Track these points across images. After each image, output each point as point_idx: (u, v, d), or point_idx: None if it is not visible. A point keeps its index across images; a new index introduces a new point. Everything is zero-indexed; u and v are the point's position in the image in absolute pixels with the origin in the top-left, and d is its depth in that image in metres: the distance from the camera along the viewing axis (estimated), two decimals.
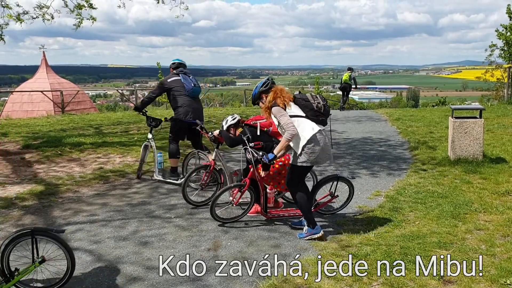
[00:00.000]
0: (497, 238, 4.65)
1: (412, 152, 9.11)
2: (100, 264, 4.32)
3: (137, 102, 22.94)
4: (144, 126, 13.60)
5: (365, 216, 5.46)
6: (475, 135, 7.68)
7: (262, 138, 5.36)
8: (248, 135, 5.32)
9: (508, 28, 19.05)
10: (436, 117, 13.93)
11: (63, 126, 13.54)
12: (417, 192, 6.30)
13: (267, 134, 5.45)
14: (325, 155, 4.83)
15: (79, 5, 12.54)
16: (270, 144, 5.35)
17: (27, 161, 8.67)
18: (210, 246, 4.68)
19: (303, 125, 4.73)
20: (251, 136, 5.33)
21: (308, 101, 4.83)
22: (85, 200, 6.40)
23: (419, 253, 4.29)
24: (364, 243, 4.61)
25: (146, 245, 4.74)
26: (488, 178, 6.82)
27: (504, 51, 19.44)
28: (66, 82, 25.24)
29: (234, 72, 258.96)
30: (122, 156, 9.07)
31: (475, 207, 5.60)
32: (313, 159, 4.72)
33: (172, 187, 6.95)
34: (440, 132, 10.97)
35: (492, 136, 9.98)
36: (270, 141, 5.40)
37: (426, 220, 5.22)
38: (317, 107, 4.79)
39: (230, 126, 5.65)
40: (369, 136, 11.39)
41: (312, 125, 4.75)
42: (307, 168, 4.85)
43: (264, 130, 5.45)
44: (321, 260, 4.18)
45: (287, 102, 4.79)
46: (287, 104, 4.78)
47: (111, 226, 5.32)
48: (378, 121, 14.40)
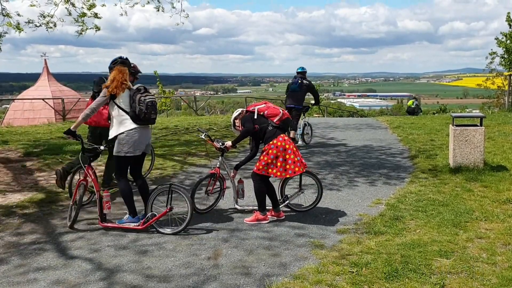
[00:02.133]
0: (498, 247, 4.63)
1: (412, 160, 9.10)
2: (100, 272, 4.31)
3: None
4: None
5: (365, 224, 5.44)
6: (476, 143, 7.67)
7: (258, 121, 5.72)
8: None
9: (508, 36, 19.11)
10: (436, 125, 13.93)
11: None
12: (418, 200, 6.28)
13: (263, 117, 5.76)
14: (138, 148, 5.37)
15: (83, 14, 12.60)
16: (265, 126, 5.68)
17: (28, 169, 8.67)
18: (210, 255, 4.66)
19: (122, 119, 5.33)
20: (248, 120, 5.75)
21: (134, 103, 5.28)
22: (85, 208, 6.39)
23: (420, 261, 4.28)
24: (365, 251, 4.59)
25: (146, 254, 4.73)
26: (489, 186, 6.80)
27: (505, 59, 19.50)
28: (67, 89, 25.29)
29: (235, 79, 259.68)
30: None
31: (476, 215, 5.59)
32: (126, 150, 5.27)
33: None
34: (441, 139, 10.97)
35: (493, 144, 9.97)
36: (266, 123, 5.70)
37: (427, 228, 5.20)
38: (138, 112, 5.25)
39: (235, 119, 5.95)
40: (370, 144, 11.39)
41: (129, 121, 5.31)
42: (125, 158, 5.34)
43: (261, 113, 5.76)
44: (321, 269, 4.17)
45: (118, 91, 5.29)
46: (118, 93, 5.29)
47: (111, 234, 5.31)
48: (378, 129, 14.41)
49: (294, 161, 5.46)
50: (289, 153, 5.43)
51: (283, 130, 5.73)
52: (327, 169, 8.58)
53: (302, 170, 5.58)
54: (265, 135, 5.63)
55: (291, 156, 5.44)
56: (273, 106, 5.84)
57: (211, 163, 9.14)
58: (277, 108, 5.81)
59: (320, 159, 9.56)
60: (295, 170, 5.48)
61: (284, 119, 5.74)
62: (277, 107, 5.86)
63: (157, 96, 30.44)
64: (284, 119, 5.74)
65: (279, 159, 5.43)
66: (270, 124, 5.64)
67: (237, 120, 5.91)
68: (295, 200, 6.09)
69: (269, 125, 5.64)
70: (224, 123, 16.36)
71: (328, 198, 6.65)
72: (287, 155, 5.44)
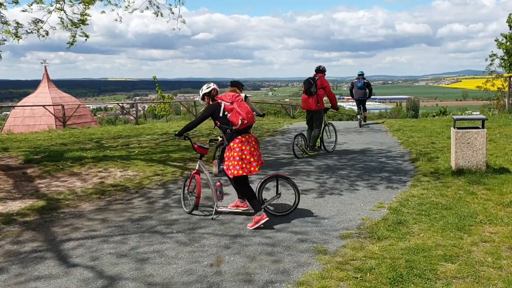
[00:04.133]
0: (503, 250, 4.59)
1: (413, 163, 9.06)
2: (101, 280, 4.26)
3: (137, 115, 22.96)
4: (145, 139, 13.60)
5: (368, 228, 5.39)
6: (478, 145, 7.64)
7: (221, 119, 5.75)
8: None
9: (508, 38, 19.10)
10: (437, 127, 13.90)
11: (64, 140, 13.54)
12: (421, 204, 6.24)
13: (226, 117, 5.71)
14: None
15: (72, 22, 12.64)
16: (225, 127, 5.74)
17: (29, 176, 8.64)
18: (212, 262, 4.62)
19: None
20: (214, 109, 5.77)
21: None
22: (86, 215, 6.36)
23: (425, 266, 4.23)
24: (369, 256, 4.55)
25: (147, 261, 4.68)
26: (492, 189, 6.76)
27: (505, 61, 19.48)
28: (67, 96, 25.31)
29: None
30: (123, 170, 9.04)
31: (480, 218, 5.54)
32: None
33: (172, 202, 6.91)
34: (442, 142, 10.92)
35: (495, 146, 9.93)
36: (227, 125, 5.72)
37: (431, 232, 5.15)
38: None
39: (204, 95, 5.96)
40: (370, 147, 11.34)
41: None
42: None
43: (225, 113, 5.73)
44: (325, 275, 4.13)
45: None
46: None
47: (112, 241, 5.27)
48: (378, 132, 14.37)
49: (249, 161, 5.66)
50: (245, 153, 5.64)
51: (241, 133, 5.71)
52: (328, 173, 8.54)
53: (258, 170, 5.72)
54: (225, 135, 5.83)
55: (247, 156, 5.64)
56: (237, 111, 5.59)
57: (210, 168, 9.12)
58: (238, 117, 5.57)
59: (321, 163, 9.52)
60: (251, 169, 5.66)
61: (242, 129, 5.68)
62: (241, 113, 5.58)
63: (156, 102, 30.43)
64: (242, 129, 5.68)
65: (236, 158, 5.62)
66: (229, 128, 5.71)
67: (207, 97, 5.97)
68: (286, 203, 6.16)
69: (228, 129, 5.72)
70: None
71: (330, 202, 6.61)
72: (243, 155, 5.63)
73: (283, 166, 9.31)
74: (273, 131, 15.30)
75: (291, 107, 29.10)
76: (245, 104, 5.69)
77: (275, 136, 14.09)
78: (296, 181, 7.92)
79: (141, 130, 16.29)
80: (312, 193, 7.14)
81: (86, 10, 12.64)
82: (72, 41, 13.02)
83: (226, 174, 5.91)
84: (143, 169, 9.05)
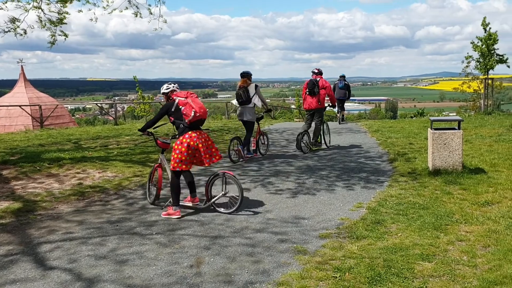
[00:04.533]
0: (478, 249, 4.69)
1: (392, 164, 9.18)
2: (80, 283, 4.21)
3: (116, 116, 22.73)
4: (124, 140, 13.48)
5: (347, 228, 5.45)
6: (454, 146, 7.78)
7: (175, 115, 6.18)
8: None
9: (483, 40, 19.46)
10: (415, 128, 14.10)
11: (42, 141, 13.32)
12: (399, 204, 6.33)
13: (180, 112, 6.12)
14: None
15: (50, 21, 12.46)
16: (178, 122, 6.17)
17: (5, 177, 8.47)
18: (192, 263, 4.61)
19: None
20: (167, 108, 6.25)
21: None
22: (64, 217, 6.27)
23: (403, 265, 4.30)
24: (348, 256, 4.60)
25: (126, 263, 4.64)
26: (468, 188, 6.89)
27: (480, 63, 19.83)
28: (45, 96, 24.92)
29: (216, 84, 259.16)
30: (102, 171, 8.94)
31: (456, 218, 5.65)
32: None
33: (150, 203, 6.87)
34: (420, 143, 11.10)
35: (471, 146, 10.13)
36: (180, 120, 6.16)
37: (408, 231, 5.23)
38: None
39: (163, 93, 6.46)
40: (349, 148, 11.45)
41: None
42: None
43: (179, 107, 6.13)
44: (304, 275, 4.16)
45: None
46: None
47: (90, 243, 5.21)
48: (357, 133, 14.52)
49: (197, 157, 6.19)
50: (192, 149, 6.10)
51: (193, 129, 6.18)
52: (308, 173, 8.59)
53: (207, 164, 6.21)
54: (178, 130, 6.25)
55: (195, 153, 6.14)
56: (191, 105, 6.06)
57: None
58: (191, 109, 6.05)
59: (301, 163, 9.57)
60: (199, 164, 6.27)
61: (194, 121, 6.13)
62: (194, 107, 6.06)
63: (136, 102, 30.14)
64: (194, 121, 6.13)
65: (184, 154, 6.06)
66: (182, 123, 6.13)
67: (165, 97, 6.50)
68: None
69: (181, 124, 6.14)
70: (204, 129, 16.27)
71: (310, 202, 6.66)
72: (189, 151, 6.08)
73: (264, 166, 9.33)
74: (254, 131, 15.28)
75: (273, 107, 29.18)
76: (198, 100, 6.18)
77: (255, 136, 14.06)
78: (277, 181, 7.96)
79: (120, 131, 16.13)
80: (292, 194, 7.18)
81: (64, 8, 12.46)
82: (53, 40, 12.82)
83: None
84: (122, 170, 8.97)
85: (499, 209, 5.89)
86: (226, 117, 25.50)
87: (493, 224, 5.35)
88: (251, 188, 7.60)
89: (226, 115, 25.95)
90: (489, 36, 19.37)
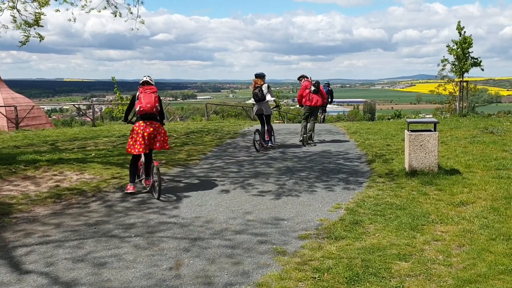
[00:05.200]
0: (453, 248, 4.79)
1: (370, 165, 9.29)
2: (57, 286, 4.16)
3: (94, 117, 22.45)
4: (102, 141, 13.33)
5: (326, 229, 5.50)
6: (430, 147, 7.92)
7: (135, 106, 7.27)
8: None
9: (458, 44, 19.87)
10: (392, 130, 14.30)
11: (17, 142, 13.08)
12: (376, 204, 6.42)
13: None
14: None
15: (26, 22, 12.25)
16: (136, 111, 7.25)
17: None
18: (171, 265, 4.59)
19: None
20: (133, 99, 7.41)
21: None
22: (41, 220, 6.17)
23: (380, 265, 4.36)
24: (326, 256, 4.64)
25: (104, 266, 4.60)
26: (444, 189, 7.03)
27: (455, 66, 20.24)
28: (20, 97, 24.48)
29: (195, 85, 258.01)
30: (79, 173, 8.83)
31: (432, 218, 5.76)
32: None
33: (130, 205, 6.81)
34: (397, 144, 11.27)
35: (446, 148, 10.32)
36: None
37: (386, 232, 5.31)
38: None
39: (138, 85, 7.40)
40: (328, 149, 11.56)
41: None
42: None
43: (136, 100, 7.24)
44: (284, 276, 4.19)
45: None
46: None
47: (68, 246, 5.14)
48: (336, 134, 14.65)
49: (139, 143, 7.10)
50: (134, 136, 7.13)
51: (144, 119, 7.16)
52: (287, 174, 8.64)
53: (143, 151, 7.17)
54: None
55: (138, 139, 7.10)
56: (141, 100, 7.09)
57: (171, 171, 9.06)
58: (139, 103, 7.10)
59: (281, 165, 9.62)
60: (140, 150, 7.14)
61: (143, 115, 7.12)
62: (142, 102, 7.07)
63: (114, 103, 29.82)
64: (143, 115, 7.12)
65: (132, 140, 7.17)
66: (135, 114, 7.29)
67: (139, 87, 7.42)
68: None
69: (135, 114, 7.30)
70: (184, 130, 16.22)
71: (290, 204, 6.70)
72: (138, 137, 7.10)
73: (244, 167, 9.34)
74: (234, 133, 15.33)
75: (252, 109, 29.15)
76: (148, 95, 7.11)
77: (235, 138, 14.11)
78: (256, 183, 7.98)
79: (98, 132, 15.94)
80: (272, 195, 7.21)
81: (41, 8, 12.26)
82: (24, 40, 12.59)
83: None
84: (100, 172, 8.87)
85: (473, 209, 6.03)
86: (206, 119, 25.41)
87: (468, 224, 5.47)
88: (230, 189, 7.60)
89: (206, 116, 25.85)
90: (464, 39, 19.80)
